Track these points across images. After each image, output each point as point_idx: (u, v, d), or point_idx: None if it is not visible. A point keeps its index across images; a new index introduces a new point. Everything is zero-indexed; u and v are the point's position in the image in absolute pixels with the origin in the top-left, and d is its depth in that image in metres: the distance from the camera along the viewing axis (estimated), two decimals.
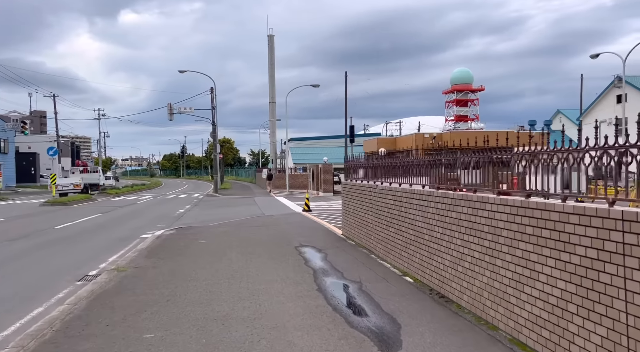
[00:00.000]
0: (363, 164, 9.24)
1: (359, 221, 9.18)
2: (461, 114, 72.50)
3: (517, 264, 4.02)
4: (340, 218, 14.41)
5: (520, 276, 3.99)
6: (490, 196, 4.36)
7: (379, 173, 8.36)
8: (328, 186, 29.65)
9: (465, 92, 71.03)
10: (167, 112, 32.22)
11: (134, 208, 23.62)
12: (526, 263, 3.90)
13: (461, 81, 69.45)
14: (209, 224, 14.37)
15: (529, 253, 3.85)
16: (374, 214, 8.14)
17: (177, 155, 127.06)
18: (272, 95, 76.08)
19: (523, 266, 3.94)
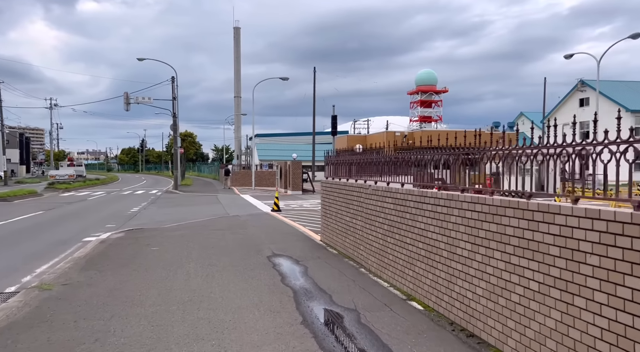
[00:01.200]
0: (351, 160, 7.87)
1: (343, 227, 7.81)
2: (425, 115, 73.15)
3: (617, 309, 2.75)
4: (315, 220, 13.05)
5: (621, 327, 2.72)
6: (566, 205, 3.07)
7: (372, 170, 7.01)
8: (297, 184, 28.19)
9: (429, 94, 71.65)
10: (124, 102, 29.81)
11: (82, 205, 21.38)
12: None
13: (426, 82, 69.97)
14: (165, 226, 12.66)
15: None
16: (364, 219, 6.79)
17: (136, 149, 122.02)
18: (237, 89, 73.81)
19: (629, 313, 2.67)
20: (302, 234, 10.32)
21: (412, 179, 5.66)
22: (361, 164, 7.40)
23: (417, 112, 73.04)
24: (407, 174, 5.94)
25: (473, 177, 4.68)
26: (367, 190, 6.68)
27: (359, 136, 40.62)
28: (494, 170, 4.24)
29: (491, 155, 4.21)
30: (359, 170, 7.62)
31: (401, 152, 5.98)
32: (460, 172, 4.95)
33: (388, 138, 35.76)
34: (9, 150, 71.73)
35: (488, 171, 4.48)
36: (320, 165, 59.62)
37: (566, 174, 3.44)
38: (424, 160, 5.34)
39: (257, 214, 15.52)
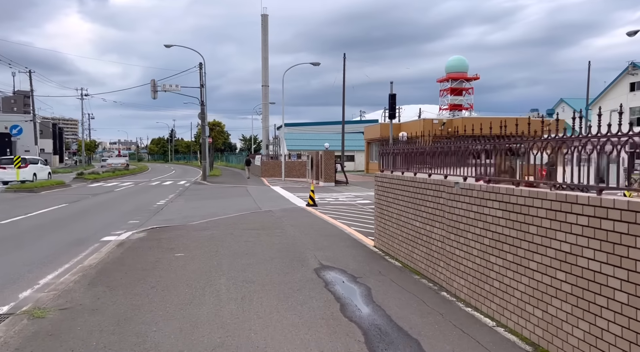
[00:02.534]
0: (422, 149, 6.24)
1: (410, 234, 6.24)
2: (455, 103, 70.60)
3: None
4: (359, 218, 11.47)
5: None
6: None
7: (448, 162, 5.41)
8: (329, 175, 26.68)
9: (460, 81, 68.99)
10: (151, 89, 28.85)
11: (108, 197, 20.48)
12: None
13: (456, 70, 67.26)
14: (193, 223, 11.37)
15: None
16: (446, 226, 5.21)
17: (166, 139, 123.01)
18: (265, 78, 72.55)
19: None
20: (349, 237, 8.79)
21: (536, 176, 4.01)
22: (437, 154, 5.78)
23: (447, 100, 70.63)
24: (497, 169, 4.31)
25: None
26: (450, 189, 5.09)
27: (393, 124, 38.58)
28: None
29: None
30: (429, 161, 6.02)
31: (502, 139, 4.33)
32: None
33: (425, 126, 33.75)
34: (42, 140, 72.80)
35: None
36: (349, 154, 57.93)
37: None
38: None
39: (291, 209, 14.10)
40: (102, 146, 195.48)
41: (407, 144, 6.87)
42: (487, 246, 4.35)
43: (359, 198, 18.40)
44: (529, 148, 4.01)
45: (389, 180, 7.03)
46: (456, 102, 70.12)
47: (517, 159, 4.27)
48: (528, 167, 4.03)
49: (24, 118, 50.26)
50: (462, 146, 5.09)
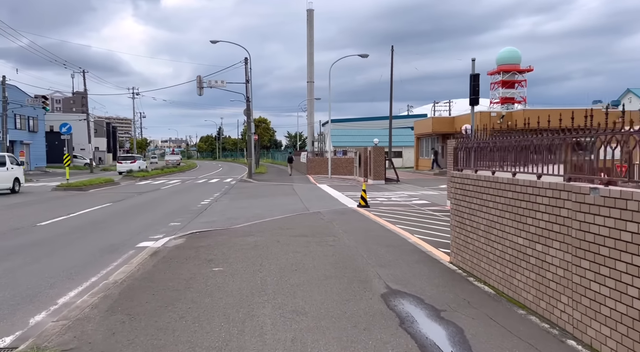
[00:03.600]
0: (531, 142, 4.79)
1: (507, 253, 4.82)
2: (507, 96, 67.03)
3: None
4: (419, 223, 9.91)
5: None
6: None
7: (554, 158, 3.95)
8: (379, 173, 25.21)
9: (512, 73, 65.35)
10: (197, 86, 28.45)
11: (153, 196, 20.06)
12: None
13: (508, 61, 63.66)
14: (236, 226, 10.37)
15: None
16: (577, 251, 3.77)
17: (214, 137, 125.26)
18: (310, 74, 71.71)
19: None
20: (416, 249, 7.40)
21: None
22: (553, 147, 4.32)
23: (498, 93, 67.28)
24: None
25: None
26: (582, 197, 3.63)
27: (446, 118, 36.60)
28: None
29: None
30: (536, 158, 4.57)
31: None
32: None
33: (481, 119, 31.50)
34: (97, 138, 75.52)
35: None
36: (397, 151, 55.92)
37: None
38: None
39: (341, 211, 12.84)
40: (154, 144, 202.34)
41: (500, 136, 5.42)
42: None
43: (414, 198, 16.89)
44: None
45: (473, 181, 5.60)
46: (508, 95, 66.67)
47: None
48: None
49: (78, 117, 51.88)
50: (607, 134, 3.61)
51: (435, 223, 10.34)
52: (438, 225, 10.04)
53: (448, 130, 34.89)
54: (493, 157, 5.54)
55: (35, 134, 48.45)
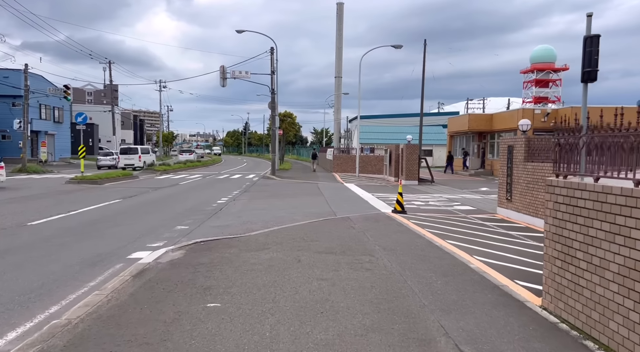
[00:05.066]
0: None
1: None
2: (541, 96, 63.84)
3: None
4: (469, 236, 7.79)
5: None
6: None
7: None
8: (412, 172, 23.22)
9: (546, 72, 62.02)
10: (220, 77, 27.00)
11: (169, 192, 18.66)
12: None
13: (542, 60, 60.41)
14: (250, 233, 8.71)
15: None
16: None
17: (240, 132, 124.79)
18: (338, 69, 69.85)
19: None
20: (483, 279, 5.51)
21: None
22: None
23: (532, 92, 64.29)
24: None
25: None
26: None
27: (484, 115, 34.17)
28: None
29: None
30: None
31: None
32: None
33: (524, 116, 29.03)
34: (124, 131, 75.67)
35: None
36: (427, 149, 53.50)
37: None
38: None
39: (374, 217, 11.02)
40: (182, 138, 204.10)
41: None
42: None
43: (455, 203, 14.90)
44: None
45: (595, 195, 3.71)
46: (542, 94, 63.54)
47: None
48: None
49: (104, 109, 51.46)
50: None
51: (493, 238, 8.41)
52: (497, 241, 8.11)
53: (485, 128, 32.52)
54: (621, 158, 3.63)
55: (61, 125, 48.18)
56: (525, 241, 8.17)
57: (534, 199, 10.23)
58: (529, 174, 10.56)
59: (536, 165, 10.26)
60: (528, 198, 10.53)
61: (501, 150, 12.11)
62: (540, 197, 9.92)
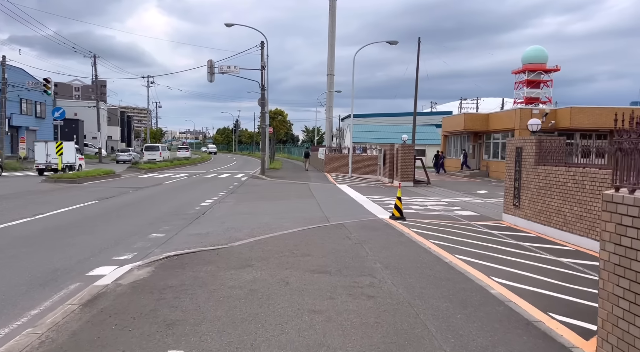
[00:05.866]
0: None
1: None
2: (532, 96, 63.92)
3: None
4: (477, 248, 6.60)
5: None
6: None
7: None
8: (407, 174, 22.29)
9: (538, 73, 62.08)
10: (207, 71, 25.85)
11: (150, 192, 17.54)
12: None
13: (534, 60, 60.35)
14: (233, 244, 7.69)
15: None
16: None
17: (230, 129, 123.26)
18: (330, 66, 68.72)
19: None
20: (511, 312, 4.52)
21: None
22: None
23: (523, 92, 64.21)
24: None
25: None
26: None
27: (480, 114, 33.34)
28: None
29: None
30: None
31: None
32: None
33: (522, 117, 28.28)
34: (110, 127, 73.87)
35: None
36: (419, 149, 52.72)
37: None
38: None
39: (372, 225, 10.04)
40: (172, 135, 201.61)
41: None
42: None
43: (456, 207, 13.99)
44: None
45: None
46: (533, 95, 63.52)
47: None
48: None
49: (88, 104, 49.95)
50: None
51: (505, 251, 7.47)
52: (511, 255, 7.16)
53: (481, 128, 31.72)
54: None
55: (43, 121, 46.55)
56: (543, 255, 7.24)
57: (546, 206, 9.32)
58: (540, 179, 9.65)
59: (549, 169, 9.35)
60: (539, 205, 9.62)
61: (508, 152, 11.19)
62: (554, 205, 9.02)
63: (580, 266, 6.63)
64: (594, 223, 7.84)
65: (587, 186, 8.05)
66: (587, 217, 8.01)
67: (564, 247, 8.07)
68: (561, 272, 6.20)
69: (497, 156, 30.81)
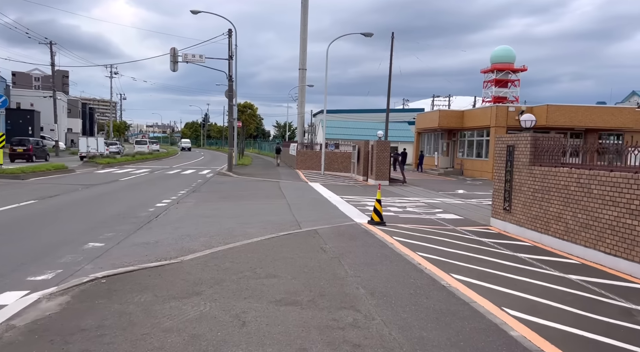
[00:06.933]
0: None
1: None
2: (500, 95, 64.88)
3: None
4: (470, 261, 5.04)
5: None
6: None
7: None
8: (382, 172, 21.23)
9: (505, 72, 63.11)
10: (170, 60, 24.05)
11: (103, 190, 15.83)
12: None
13: (502, 60, 61.18)
14: (184, 258, 6.32)
15: None
16: None
17: (199, 123, 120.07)
18: (303, 61, 67.27)
19: None
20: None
21: None
22: None
23: (491, 92, 65.07)
24: None
25: None
26: None
27: (455, 111, 32.66)
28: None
29: None
30: None
31: None
32: None
33: (498, 114, 27.71)
34: (71, 119, 70.21)
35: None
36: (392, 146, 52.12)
37: None
38: None
39: (349, 232, 8.81)
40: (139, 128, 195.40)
41: None
42: None
43: (437, 209, 12.95)
44: None
45: None
46: (501, 94, 64.36)
47: None
48: None
49: (44, 94, 46.89)
50: None
51: (506, 267, 6.37)
52: (514, 272, 6.07)
53: (456, 125, 31.07)
54: None
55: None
56: (547, 271, 6.19)
57: (543, 211, 8.32)
58: (536, 181, 8.64)
59: (547, 170, 8.34)
60: (534, 210, 8.62)
61: (498, 150, 10.17)
62: (553, 210, 8.02)
63: (594, 285, 5.60)
64: (603, 233, 6.85)
65: (596, 191, 7.05)
66: (595, 227, 7.01)
67: (567, 260, 7.06)
68: (578, 296, 5.13)
69: (472, 154, 30.21)
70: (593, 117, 26.83)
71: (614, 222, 6.65)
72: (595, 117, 26.80)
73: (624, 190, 6.51)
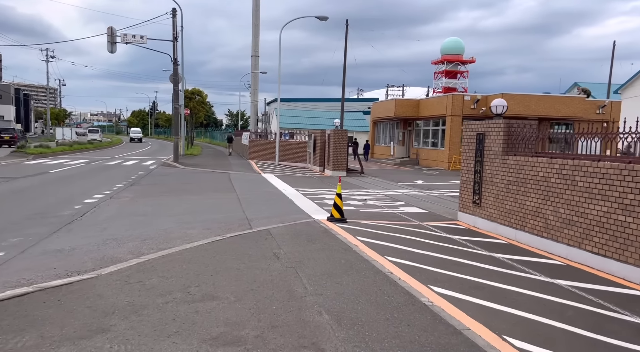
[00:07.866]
0: None
1: None
2: (450, 86, 66.20)
3: None
4: (449, 268, 4.06)
5: None
6: None
7: None
8: (340, 162, 20.28)
9: (455, 63, 64.45)
10: (107, 40, 21.83)
11: (27, 184, 13.89)
12: None
13: (452, 51, 62.38)
14: (102, 272, 5.02)
15: None
16: None
17: (147, 112, 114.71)
18: (255, 47, 65.20)
19: None
20: None
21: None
22: None
23: (442, 83, 66.23)
24: None
25: None
26: None
27: (411, 100, 32.19)
28: None
29: None
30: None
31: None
32: None
33: (454, 103, 27.45)
34: (3, 106, 64.58)
35: None
36: (350, 136, 51.55)
37: None
38: None
39: (306, 233, 7.72)
40: (82, 117, 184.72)
41: None
42: None
43: (398, 202, 12.11)
44: None
45: None
46: (451, 85, 65.56)
47: None
48: None
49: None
50: None
51: (487, 271, 5.51)
52: (498, 279, 5.21)
53: (412, 114, 30.62)
54: None
55: None
56: (533, 276, 5.38)
57: (519, 205, 7.58)
58: (510, 172, 7.89)
59: (522, 160, 7.58)
60: (508, 204, 7.88)
61: (466, 138, 9.38)
62: (530, 205, 7.28)
63: (589, 293, 4.83)
64: (590, 230, 6.13)
65: (581, 183, 6.32)
66: (580, 223, 6.29)
67: (550, 260, 6.31)
68: (578, 311, 4.32)
69: (428, 144, 29.91)
70: (546, 107, 27.12)
71: (602, 218, 5.94)
72: (548, 107, 27.10)
73: (615, 182, 5.79)
